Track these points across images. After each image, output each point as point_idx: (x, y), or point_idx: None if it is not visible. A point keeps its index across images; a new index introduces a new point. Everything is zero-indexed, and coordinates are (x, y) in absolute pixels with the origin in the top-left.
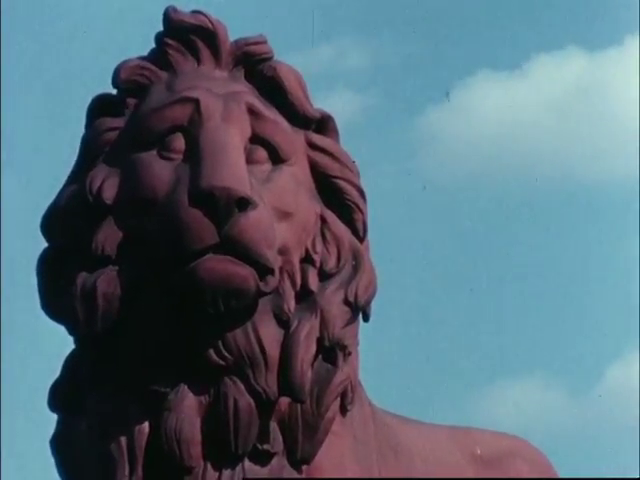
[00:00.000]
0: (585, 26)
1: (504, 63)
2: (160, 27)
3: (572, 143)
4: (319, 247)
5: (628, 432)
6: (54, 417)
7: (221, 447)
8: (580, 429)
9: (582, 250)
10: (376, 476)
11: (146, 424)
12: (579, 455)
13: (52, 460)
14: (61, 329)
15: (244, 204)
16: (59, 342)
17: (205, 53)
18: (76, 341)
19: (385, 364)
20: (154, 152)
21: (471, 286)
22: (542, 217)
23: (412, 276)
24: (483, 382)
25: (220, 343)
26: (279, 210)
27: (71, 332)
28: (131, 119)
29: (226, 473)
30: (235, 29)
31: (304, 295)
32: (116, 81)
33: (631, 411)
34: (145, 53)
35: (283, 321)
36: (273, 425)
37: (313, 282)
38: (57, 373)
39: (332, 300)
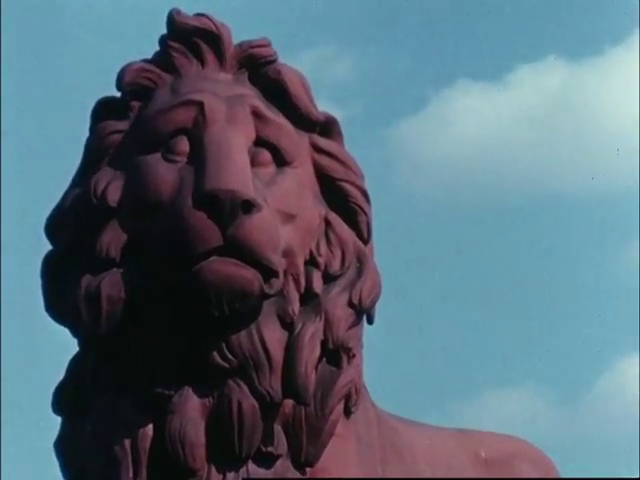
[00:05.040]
0: (565, 36)
1: (485, 74)
2: (164, 29)
3: (552, 153)
4: (323, 249)
5: (615, 439)
6: (57, 420)
7: (225, 449)
8: (569, 436)
9: (565, 259)
10: (379, 474)
11: (150, 426)
12: (568, 461)
13: (53, 463)
14: (65, 331)
15: (248, 207)
16: (63, 344)
17: (209, 56)
18: (80, 343)
19: (382, 369)
20: (158, 155)
21: (463, 297)
22: (524, 226)
23: (401, 287)
24: (475, 390)
25: (224, 345)
26: (283, 213)
27: (75, 334)
28: (135, 122)
29: (230, 475)
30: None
31: (308, 297)
32: (120, 84)
33: (618, 419)
34: (149, 56)
35: (287, 323)
36: (277, 427)
37: (317, 285)
38: (61, 376)
39: (336, 302)
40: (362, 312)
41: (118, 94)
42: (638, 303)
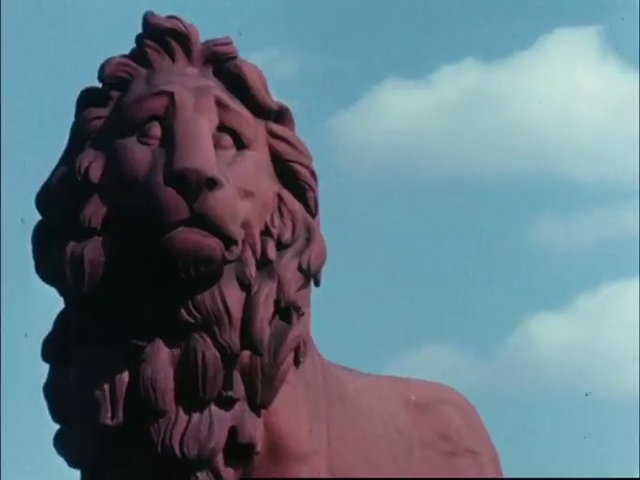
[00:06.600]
0: (481, 41)
1: (410, 72)
2: (140, 29)
3: (469, 140)
4: (277, 222)
5: (525, 390)
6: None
7: (191, 394)
8: (486, 387)
9: (483, 230)
10: (323, 416)
11: (126, 373)
12: (486, 408)
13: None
14: (53, 290)
15: (212, 184)
16: (51, 301)
17: (179, 52)
18: (66, 301)
19: (327, 325)
20: (134, 138)
21: (396, 265)
22: (446, 203)
23: (342, 254)
24: (406, 345)
25: (190, 304)
26: (242, 189)
27: (61, 293)
28: (114, 109)
29: (195, 416)
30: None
31: (263, 263)
32: (101, 76)
33: (527, 372)
34: (127, 52)
35: (245, 285)
36: (236, 375)
37: (271, 252)
38: (49, 328)
39: (288, 267)
40: (310, 276)
41: (100, 85)
42: None
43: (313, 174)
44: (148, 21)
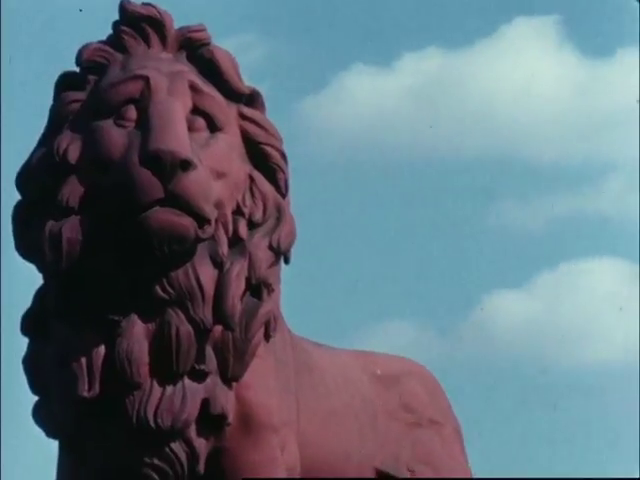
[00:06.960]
0: (443, 30)
1: (375, 60)
2: (116, 16)
3: (430, 124)
4: (248, 202)
5: (487, 366)
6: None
7: (165, 367)
8: (447, 364)
9: (446, 210)
10: (292, 389)
11: (102, 347)
12: (448, 381)
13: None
14: (32, 266)
15: (186, 165)
16: (30, 277)
17: (154, 38)
18: (44, 277)
19: (296, 302)
20: (111, 121)
21: (361, 242)
22: (410, 183)
23: (309, 234)
24: (366, 324)
25: (165, 280)
26: (215, 171)
27: (40, 270)
28: (91, 93)
29: (169, 388)
30: None
31: (235, 241)
32: (79, 61)
33: (487, 348)
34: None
35: (218, 263)
36: (208, 349)
37: (243, 231)
38: (29, 304)
39: (259, 246)
40: (280, 254)
41: (77, 69)
42: None
43: (283, 156)
44: (124, 8)
